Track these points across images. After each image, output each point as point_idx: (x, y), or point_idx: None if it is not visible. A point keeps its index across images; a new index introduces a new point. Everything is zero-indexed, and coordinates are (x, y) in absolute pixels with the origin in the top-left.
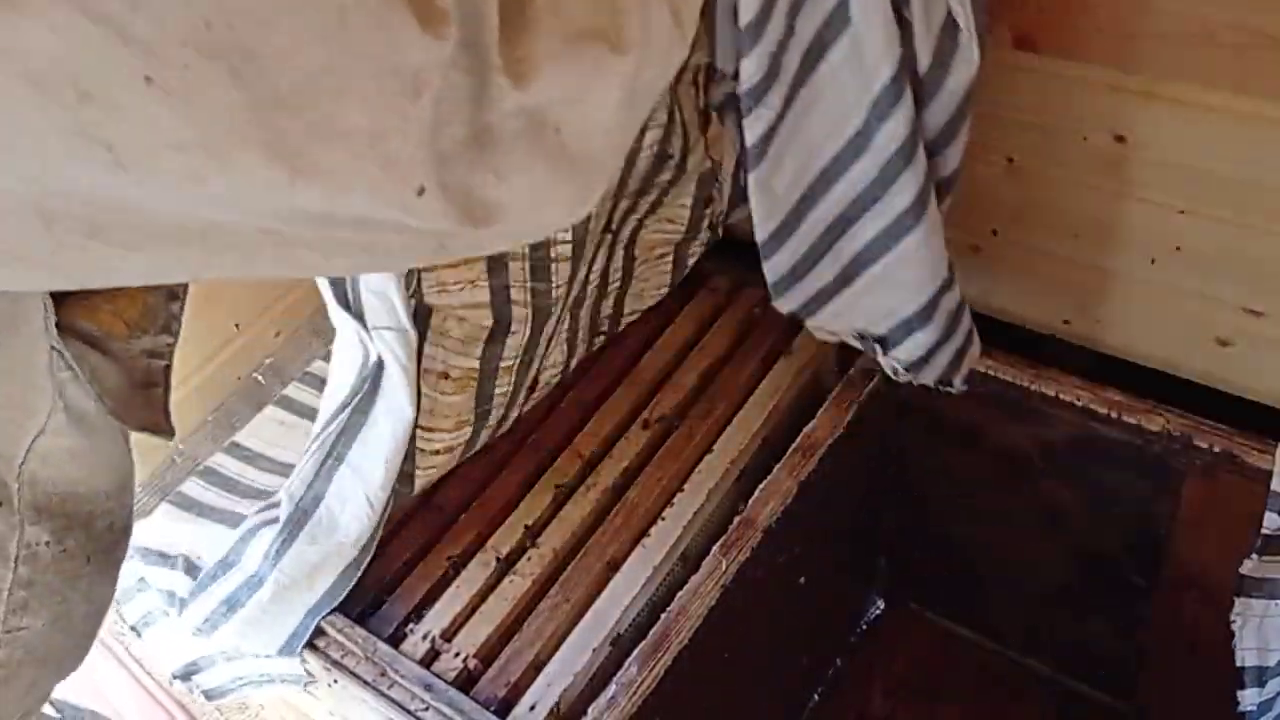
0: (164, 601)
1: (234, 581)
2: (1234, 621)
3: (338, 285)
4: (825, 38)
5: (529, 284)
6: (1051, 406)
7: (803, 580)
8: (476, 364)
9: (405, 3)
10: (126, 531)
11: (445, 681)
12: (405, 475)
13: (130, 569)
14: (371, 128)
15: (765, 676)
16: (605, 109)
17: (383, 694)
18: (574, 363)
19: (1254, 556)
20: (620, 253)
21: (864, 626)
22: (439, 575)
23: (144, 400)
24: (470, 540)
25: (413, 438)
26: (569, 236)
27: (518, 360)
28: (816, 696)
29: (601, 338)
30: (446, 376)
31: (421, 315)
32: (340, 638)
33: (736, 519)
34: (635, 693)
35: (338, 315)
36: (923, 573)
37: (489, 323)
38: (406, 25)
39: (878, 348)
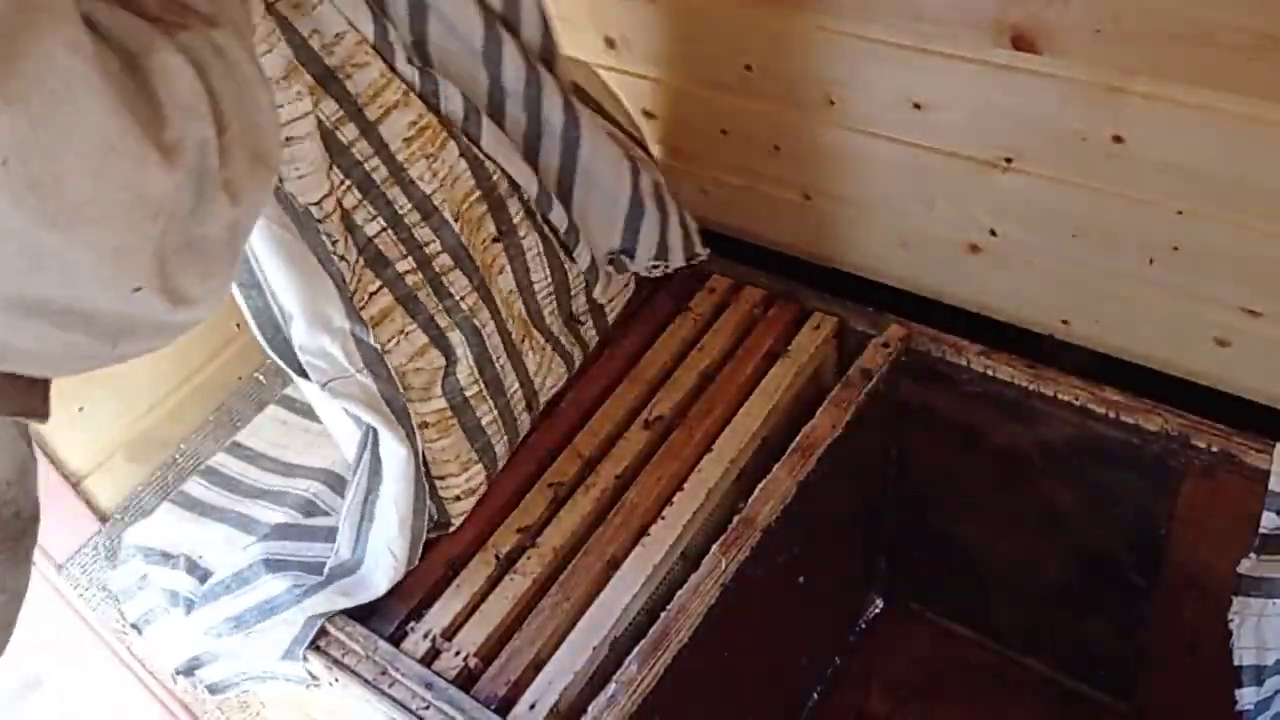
0: (166, 601)
1: (246, 602)
2: (1232, 620)
3: (292, 364)
4: (417, 27)
5: (441, 305)
6: (1050, 406)
7: (802, 580)
8: (444, 403)
9: (149, 139)
10: (34, 518)
11: (446, 680)
12: (441, 524)
13: (133, 568)
14: (117, 243)
15: (765, 676)
16: (258, 218)
17: (383, 693)
18: (575, 368)
19: (1252, 556)
20: (568, 258)
21: (863, 626)
22: (439, 574)
23: (24, 387)
24: (470, 539)
25: (433, 486)
26: (441, 246)
27: (480, 386)
28: (816, 696)
29: (594, 332)
30: (426, 425)
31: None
32: (341, 636)
33: (736, 518)
34: (635, 691)
35: (310, 391)
36: (922, 572)
37: (442, 361)
38: (152, 158)
39: (626, 260)
